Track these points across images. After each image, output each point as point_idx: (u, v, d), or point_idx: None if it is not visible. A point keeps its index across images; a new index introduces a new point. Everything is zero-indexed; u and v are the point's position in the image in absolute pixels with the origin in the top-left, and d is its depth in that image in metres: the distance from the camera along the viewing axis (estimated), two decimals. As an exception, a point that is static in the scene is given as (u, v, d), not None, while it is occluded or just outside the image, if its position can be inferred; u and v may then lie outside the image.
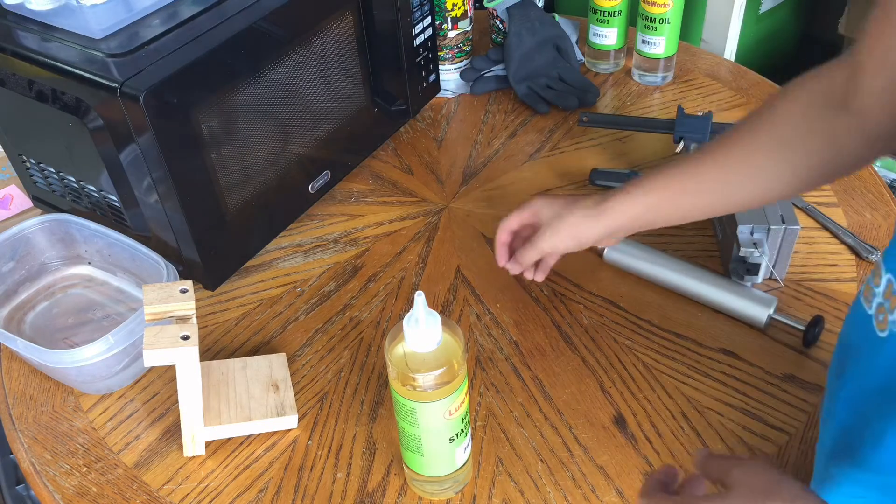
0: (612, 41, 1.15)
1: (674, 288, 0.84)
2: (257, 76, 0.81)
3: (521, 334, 0.82)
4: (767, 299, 0.79)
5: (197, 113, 0.76)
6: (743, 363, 0.77)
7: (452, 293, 0.87)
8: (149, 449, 0.74)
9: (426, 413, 0.60)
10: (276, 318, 0.86)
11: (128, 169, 0.79)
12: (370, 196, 1.01)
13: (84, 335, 0.84)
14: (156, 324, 0.69)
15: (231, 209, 0.84)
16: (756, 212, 0.80)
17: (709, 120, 0.89)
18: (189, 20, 0.79)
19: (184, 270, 0.85)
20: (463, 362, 0.60)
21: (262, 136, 0.85)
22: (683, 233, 0.91)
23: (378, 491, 0.69)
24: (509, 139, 1.07)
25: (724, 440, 0.71)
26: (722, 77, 1.15)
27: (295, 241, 0.95)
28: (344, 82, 0.94)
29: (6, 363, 0.83)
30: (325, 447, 0.73)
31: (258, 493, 0.70)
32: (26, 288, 0.88)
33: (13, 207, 1.07)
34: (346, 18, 0.90)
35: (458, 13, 1.13)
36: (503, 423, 0.74)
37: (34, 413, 0.78)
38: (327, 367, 0.80)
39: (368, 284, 0.89)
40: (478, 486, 0.69)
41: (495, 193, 0.99)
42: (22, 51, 0.77)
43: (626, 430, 0.72)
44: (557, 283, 0.87)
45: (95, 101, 0.74)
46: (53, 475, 0.72)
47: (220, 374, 0.77)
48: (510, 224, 0.78)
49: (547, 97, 1.10)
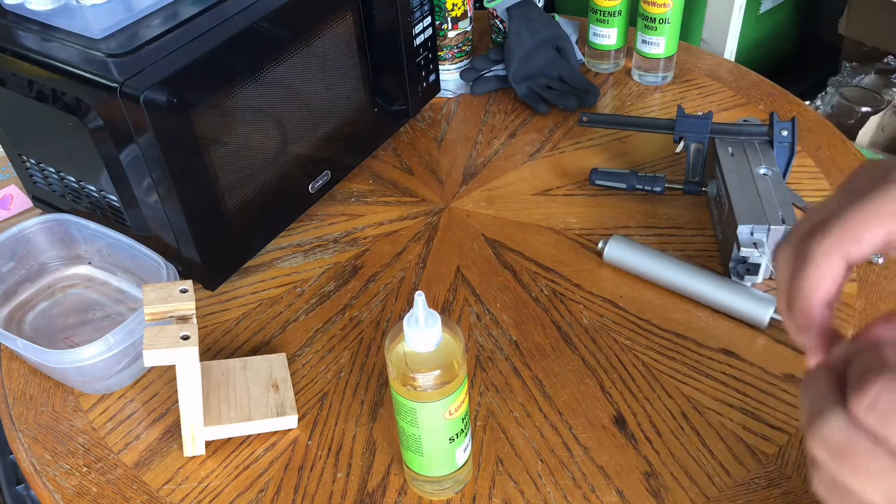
0: (612, 41, 1.15)
1: (674, 288, 0.84)
2: (257, 76, 0.81)
3: (521, 334, 0.82)
4: (767, 299, 0.79)
5: (197, 113, 0.76)
6: (743, 363, 0.77)
7: (452, 293, 0.87)
8: (149, 449, 0.74)
9: (426, 413, 0.60)
10: (276, 318, 0.86)
11: (128, 169, 0.79)
12: (370, 196, 1.01)
13: (84, 335, 0.84)
14: (156, 324, 0.69)
15: (231, 209, 0.84)
16: (756, 212, 0.80)
17: (709, 120, 0.89)
18: (189, 20, 0.79)
19: (184, 270, 0.85)
20: (463, 362, 0.60)
21: (261, 136, 0.85)
22: (683, 233, 0.91)
23: (378, 491, 0.69)
24: (509, 139, 1.07)
25: (724, 440, 0.71)
26: (722, 77, 1.15)
27: (295, 241, 0.95)
28: (344, 82, 0.94)
29: (6, 363, 0.83)
30: (325, 447, 0.73)
31: (258, 493, 0.70)
32: (26, 288, 0.88)
33: (13, 207, 1.07)
34: (346, 18, 0.90)
35: (458, 13, 1.13)
36: (503, 423, 0.74)
37: (34, 413, 0.78)
38: (327, 367, 0.80)
39: (368, 284, 0.89)
40: (478, 486, 0.69)
41: (495, 193, 0.99)
42: (22, 51, 0.77)
43: (626, 430, 0.72)
44: (557, 283, 0.87)
45: (95, 101, 0.74)
46: (53, 475, 0.72)
47: (220, 374, 0.77)
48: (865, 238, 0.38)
49: (547, 97, 1.10)
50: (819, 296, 0.39)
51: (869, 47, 1.53)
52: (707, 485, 0.68)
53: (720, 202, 0.87)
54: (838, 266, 0.39)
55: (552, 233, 0.93)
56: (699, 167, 0.92)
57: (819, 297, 0.39)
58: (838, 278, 0.39)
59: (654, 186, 0.94)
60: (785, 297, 0.40)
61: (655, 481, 0.68)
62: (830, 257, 0.38)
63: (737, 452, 0.70)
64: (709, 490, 0.67)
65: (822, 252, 0.38)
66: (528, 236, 0.93)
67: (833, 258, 0.38)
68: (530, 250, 0.91)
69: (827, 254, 0.38)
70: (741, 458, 0.70)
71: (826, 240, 0.38)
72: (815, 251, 0.39)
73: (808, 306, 0.39)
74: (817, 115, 1.07)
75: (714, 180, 0.89)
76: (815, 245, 0.39)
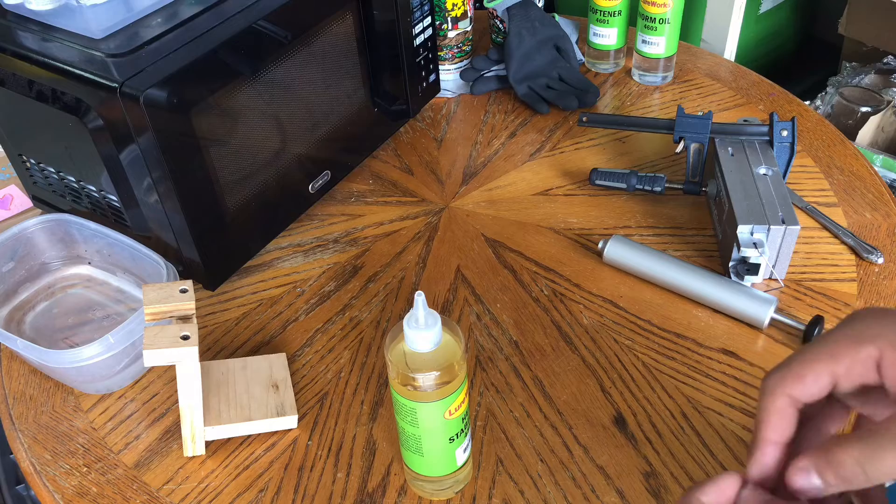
0: (612, 41, 1.15)
1: (674, 288, 0.84)
2: (257, 76, 0.81)
3: (521, 334, 0.82)
4: (767, 299, 0.79)
5: (197, 113, 0.76)
6: (743, 363, 0.77)
7: (452, 293, 0.87)
8: (149, 449, 0.74)
9: (426, 413, 0.60)
10: (276, 318, 0.86)
11: (128, 169, 0.79)
12: (370, 196, 1.01)
13: (84, 335, 0.84)
14: (156, 324, 0.69)
15: (231, 209, 0.84)
16: (756, 212, 0.80)
17: (709, 120, 0.89)
18: (189, 20, 0.79)
19: (184, 270, 0.85)
20: (463, 363, 0.60)
21: (262, 136, 0.85)
22: (683, 233, 0.91)
23: (378, 491, 0.69)
24: (509, 139, 1.07)
25: (725, 440, 0.71)
26: (722, 77, 1.15)
27: (295, 241, 0.95)
28: (344, 82, 0.94)
29: (6, 363, 0.83)
30: (325, 447, 0.73)
31: (258, 493, 0.70)
32: (26, 288, 0.88)
33: (13, 207, 1.07)
34: (346, 18, 0.90)
35: (458, 13, 1.14)
36: (503, 423, 0.74)
37: (34, 413, 0.78)
38: (327, 367, 0.80)
39: (368, 284, 0.89)
40: (478, 486, 0.69)
41: (495, 193, 0.99)
42: (22, 51, 0.77)
43: (626, 430, 0.72)
44: (557, 283, 0.87)
45: (95, 101, 0.74)
46: (53, 475, 0.72)
47: (220, 374, 0.77)
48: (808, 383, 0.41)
49: (547, 97, 1.10)
50: (764, 431, 0.42)
51: (869, 47, 1.53)
52: (707, 485, 0.68)
53: (720, 202, 0.87)
54: (784, 403, 0.41)
55: (552, 233, 0.93)
56: (699, 167, 0.92)
57: (764, 432, 0.42)
58: (786, 416, 0.41)
59: (654, 186, 0.94)
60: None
61: (655, 481, 0.68)
62: (774, 395, 0.41)
63: (737, 452, 0.70)
64: (709, 490, 0.67)
65: (767, 389, 0.42)
66: (528, 236, 0.93)
67: (777, 396, 0.41)
68: (530, 250, 0.91)
69: (771, 392, 0.41)
70: (741, 459, 0.70)
71: (769, 379, 0.42)
72: (762, 388, 0.42)
73: (755, 439, 0.42)
74: (817, 115, 1.07)
75: (714, 180, 0.89)
76: (763, 383, 0.42)
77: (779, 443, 0.42)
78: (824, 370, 0.40)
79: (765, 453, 0.42)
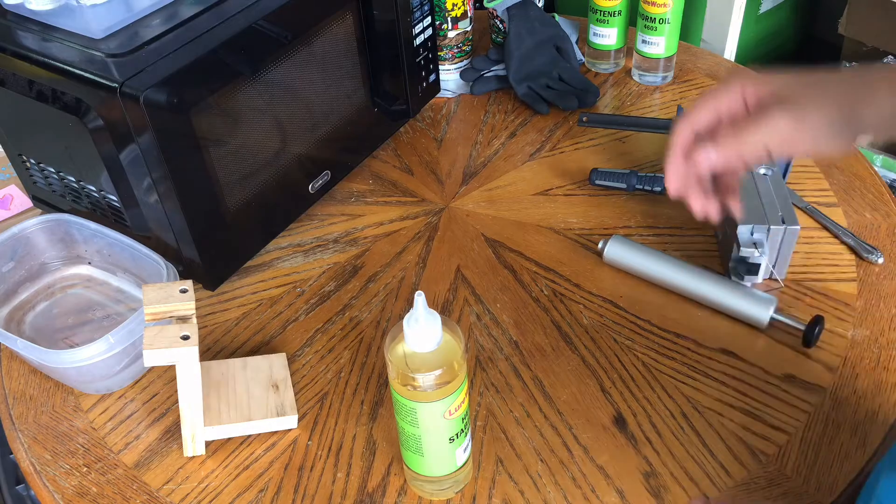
0: (612, 41, 1.15)
1: (674, 288, 0.84)
2: (257, 76, 0.81)
3: (521, 334, 0.82)
4: (767, 299, 0.79)
5: (197, 113, 0.76)
6: (743, 363, 0.77)
7: (452, 293, 0.87)
8: (149, 449, 0.74)
9: (426, 413, 0.60)
10: (276, 318, 0.86)
11: (128, 169, 0.79)
12: (370, 196, 1.01)
13: (84, 335, 0.84)
14: (156, 324, 0.69)
15: (231, 209, 0.84)
16: (756, 212, 0.80)
17: (709, 120, 0.90)
18: (189, 20, 0.79)
19: (184, 270, 0.85)
20: (463, 362, 0.60)
21: (261, 136, 0.85)
22: (683, 233, 0.91)
23: (378, 491, 0.69)
24: (509, 139, 1.07)
25: (725, 440, 0.71)
26: (722, 77, 1.15)
27: (295, 241, 0.95)
28: (344, 82, 0.94)
29: (6, 363, 0.83)
30: (325, 447, 0.73)
31: (258, 493, 0.70)
32: (26, 288, 0.88)
33: (13, 207, 1.07)
34: (346, 18, 0.90)
35: (458, 13, 1.14)
36: (503, 423, 0.74)
37: (34, 413, 0.78)
38: (327, 367, 0.80)
39: (368, 284, 0.89)
40: (478, 486, 0.69)
41: (495, 193, 0.99)
42: (22, 51, 0.77)
43: (626, 430, 0.72)
44: (557, 283, 0.87)
45: (95, 101, 0.74)
46: (53, 475, 0.72)
47: (220, 374, 0.77)
48: (701, 116, 0.63)
49: (547, 97, 1.10)
50: (673, 146, 0.63)
51: (869, 47, 1.53)
52: (707, 485, 0.68)
53: (720, 202, 0.87)
54: (686, 129, 0.63)
55: (552, 233, 0.93)
56: (699, 167, 0.92)
57: (673, 147, 0.63)
58: (685, 135, 0.63)
59: (654, 186, 0.94)
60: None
61: (655, 481, 0.68)
62: (680, 125, 0.63)
63: (737, 452, 0.70)
64: (709, 490, 0.67)
65: (675, 126, 0.63)
66: (528, 236, 0.93)
67: (681, 126, 0.63)
68: (530, 250, 0.91)
69: (677, 124, 0.63)
70: (741, 459, 0.70)
71: (676, 122, 0.64)
72: (672, 127, 0.64)
73: (667, 154, 0.63)
74: (817, 115, 1.07)
75: (714, 180, 0.89)
76: (672, 125, 0.64)
77: (680, 153, 0.62)
78: (710, 106, 0.62)
79: (675, 161, 0.63)
